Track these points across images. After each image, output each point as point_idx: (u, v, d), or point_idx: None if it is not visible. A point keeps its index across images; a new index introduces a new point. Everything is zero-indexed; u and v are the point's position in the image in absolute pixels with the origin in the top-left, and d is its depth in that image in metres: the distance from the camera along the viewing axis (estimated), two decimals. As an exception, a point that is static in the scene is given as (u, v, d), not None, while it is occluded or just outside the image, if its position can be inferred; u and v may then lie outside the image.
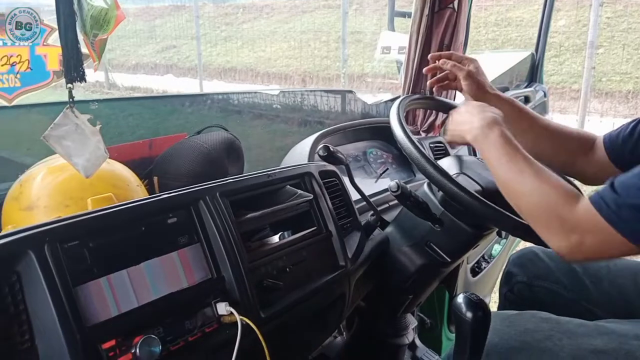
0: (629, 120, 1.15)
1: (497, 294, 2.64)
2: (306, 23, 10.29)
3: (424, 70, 1.29)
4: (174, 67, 10.92)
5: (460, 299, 0.88)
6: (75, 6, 0.88)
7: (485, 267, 2.02)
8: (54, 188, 0.97)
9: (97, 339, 0.72)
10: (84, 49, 0.89)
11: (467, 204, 0.99)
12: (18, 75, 0.97)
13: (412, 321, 1.55)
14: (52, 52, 0.98)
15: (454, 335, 2.11)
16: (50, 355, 0.69)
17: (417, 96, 1.27)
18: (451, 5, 1.65)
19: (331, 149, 1.11)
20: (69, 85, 0.87)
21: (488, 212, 0.96)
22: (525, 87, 2.42)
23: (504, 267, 1.40)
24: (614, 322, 0.99)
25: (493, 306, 2.67)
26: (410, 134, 1.06)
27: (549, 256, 1.27)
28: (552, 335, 0.95)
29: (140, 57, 11.79)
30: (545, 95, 2.43)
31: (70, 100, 0.87)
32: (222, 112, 1.72)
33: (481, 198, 0.98)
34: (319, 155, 1.12)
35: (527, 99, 2.31)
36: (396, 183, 1.10)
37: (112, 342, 0.73)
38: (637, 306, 1.14)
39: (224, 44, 11.05)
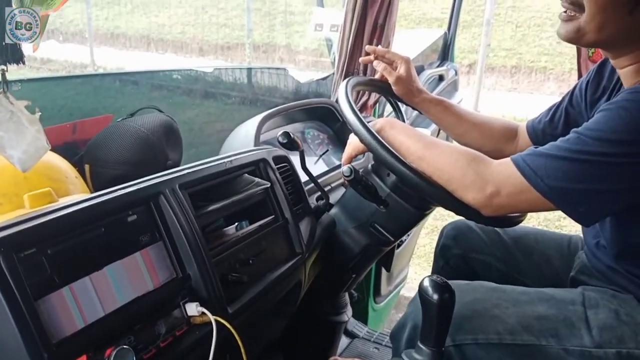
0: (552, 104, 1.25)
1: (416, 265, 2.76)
2: (200, -12, 9.83)
3: (360, 60, 1.37)
4: (56, 32, 9.96)
5: (426, 282, 0.90)
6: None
7: (405, 240, 2.11)
8: (-19, 184, 0.85)
9: (65, 356, 0.65)
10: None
11: (419, 186, 1.02)
12: None
13: (348, 298, 1.58)
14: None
15: (379, 306, 2.20)
16: (13, 379, 0.61)
17: (364, 78, 1.26)
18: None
19: (291, 136, 1.08)
20: (2, 67, 0.75)
21: (445, 195, 1.00)
22: (438, 66, 2.50)
23: (438, 239, 1.45)
24: (551, 290, 1.08)
25: (414, 276, 2.81)
26: (363, 120, 1.05)
27: (481, 229, 1.34)
28: (500, 304, 1.01)
29: (13, 19, 10.59)
30: (456, 73, 2.53)
31: (4, 84, 0.76)
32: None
33: (435, 181, 1.01)
34: (279, 142, 1.08)
35: (441, 78, 2.39)
36: (349, 168, 1.10)
37: (83, 358, 0.66)
38: (562, 275, 1.25)
39: (112, 7, 10.25)
